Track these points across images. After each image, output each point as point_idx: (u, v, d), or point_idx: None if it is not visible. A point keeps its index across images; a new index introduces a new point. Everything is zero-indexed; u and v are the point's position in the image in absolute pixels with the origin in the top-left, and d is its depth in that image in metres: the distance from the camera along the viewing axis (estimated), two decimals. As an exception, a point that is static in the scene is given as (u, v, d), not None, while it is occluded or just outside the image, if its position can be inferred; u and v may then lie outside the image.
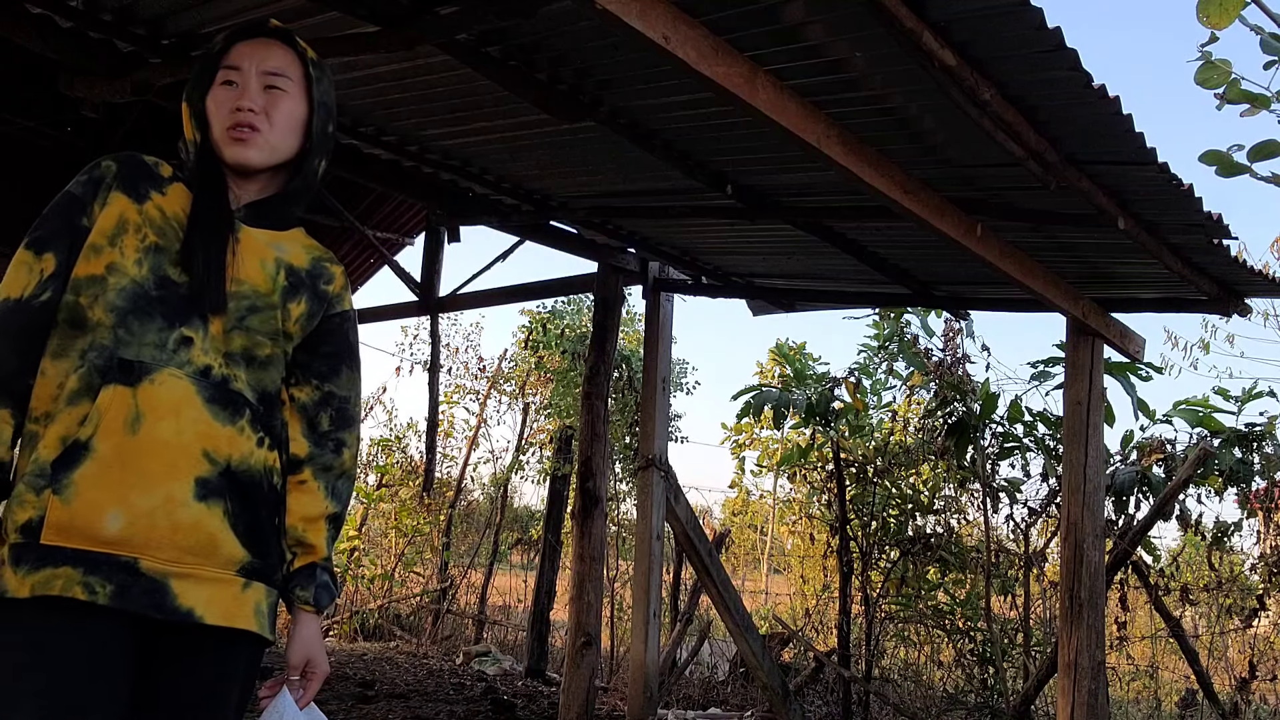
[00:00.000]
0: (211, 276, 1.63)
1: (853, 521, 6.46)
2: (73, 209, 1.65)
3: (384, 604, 9.07)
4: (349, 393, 1.83)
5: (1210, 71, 1.96)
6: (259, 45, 1.74)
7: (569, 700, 5.25)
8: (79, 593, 1.47)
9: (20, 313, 1.57)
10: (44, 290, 1.59)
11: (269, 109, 1.70)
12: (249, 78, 1.70)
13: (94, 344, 1.56)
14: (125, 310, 1.57)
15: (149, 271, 1.61)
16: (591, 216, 4.70)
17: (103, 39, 3.18)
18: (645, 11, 2.22)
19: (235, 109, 1.68)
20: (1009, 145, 2.82)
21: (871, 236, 4.38)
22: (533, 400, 9.86)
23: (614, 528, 8.18)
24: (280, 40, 1.76)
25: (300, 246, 1.79)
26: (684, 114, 3.29)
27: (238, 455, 1.62)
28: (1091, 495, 4.29)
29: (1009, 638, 6.02)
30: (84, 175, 1.68)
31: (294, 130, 1.74)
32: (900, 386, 6.55)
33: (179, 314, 1.61)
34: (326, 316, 1.79)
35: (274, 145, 1.71)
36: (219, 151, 1.70)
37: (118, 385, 1.54)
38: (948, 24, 2.35)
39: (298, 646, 1.75)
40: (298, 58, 1.76)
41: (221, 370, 1.64)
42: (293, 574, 1.76)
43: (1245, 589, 5.86)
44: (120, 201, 1.64)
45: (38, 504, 1.50)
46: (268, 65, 1.71)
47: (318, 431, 1.78)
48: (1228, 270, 3.89)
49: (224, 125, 1.68)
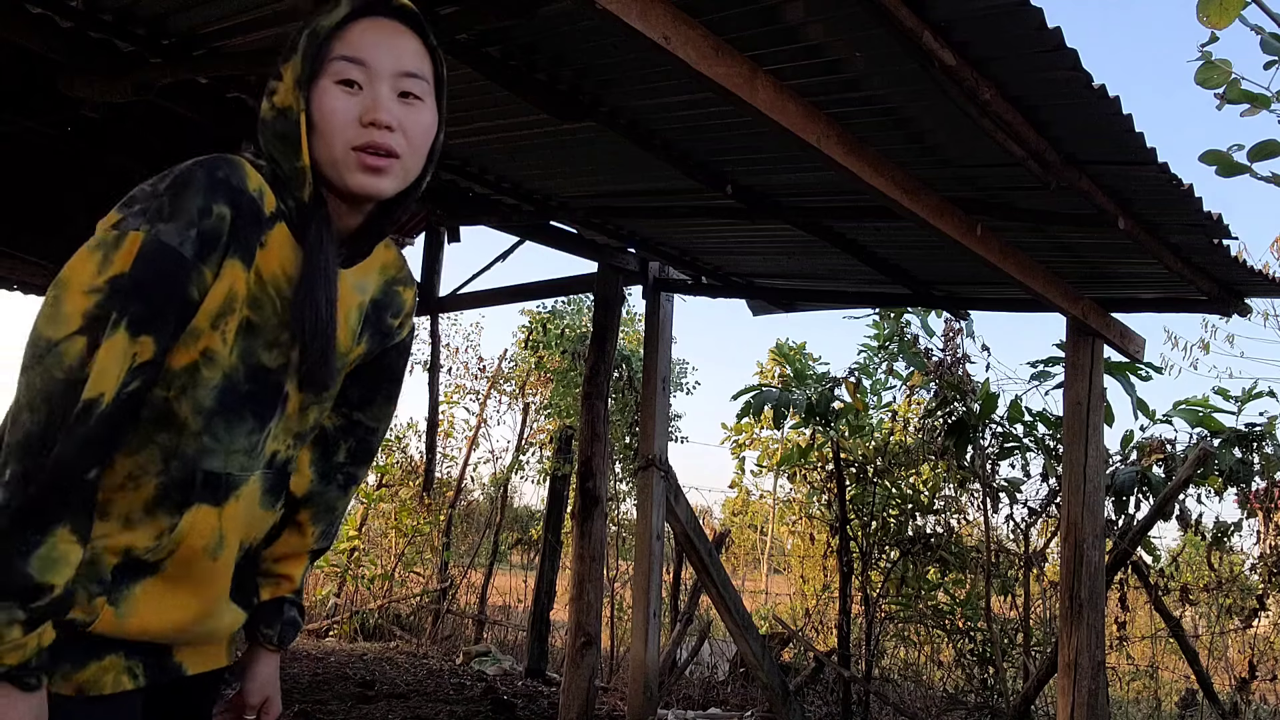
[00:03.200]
0: (320, 369, 1.35)
1: (853, 521, 6.46)
2: (182, 278, 1.22)
3: (384, 604, 9.07)
4: (377, 424, 1.59)
5: (1210, 71, 1.97)
6: (388, 31, 1.36)
7: (569, 700, 5.25)
8: (125, 682, 1.32)
9: (116, 416, 1.20)
10: (133, 380, 1.20)
11: (405, 124, 1.34)
12: (379, 80, 1.33)
13: (178, 451, 1.28)
14: (213, 412, 1.29)
15: (239, 359, 1.30)
16: (591, 216, 4.70)
17: (103, 39, 3.18)
18: (645, 11, 2.22)
19: (368, 123, 1.31)
20: (1009, 145, 2.82)
21: (871, 236, 4.38)
22: (533, 400, 9.86)
23: (614, 528, 8.18)
24: (411, 26, 1.39)
25: (377, 270, 1.49)
26: (684, 114, 3.29)
27: (261, 534, 1.47)
28: (1091, 495, 4.29)
29: (1009, 638, 6.03)
30: (188, 218, 1.22)
31: (427, 149, 1.40)
32: (900, 386, 6.55)
33: (269, 409, 1.35)
34: (384, 350, 1.54)
35: (409, 170, 1.37)
36: (331, 174, 1.33)
37: (202, 505, 1.31)
38: (948, 24, 2.35)
39: (256, 687, 1.55)
40: (429, 51, 1.40)
41: (286, 453, 1.43)
42: (259, 608, 1.54)
43: (1245, 589, 5.86)
44: (234, 270, 1.27)
45: (87, 609, 1.26)
46: (404, 65, 1.35)
47: (330, 462, 1.55)
48: (1228, 270, 3.89)
49: (348, 144, 1.31)
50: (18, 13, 3.01)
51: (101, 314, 1.17)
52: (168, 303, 1.21)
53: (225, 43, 3.15)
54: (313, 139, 1.32)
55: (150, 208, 1.22)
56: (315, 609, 9.08)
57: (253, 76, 3.40)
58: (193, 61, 3.19)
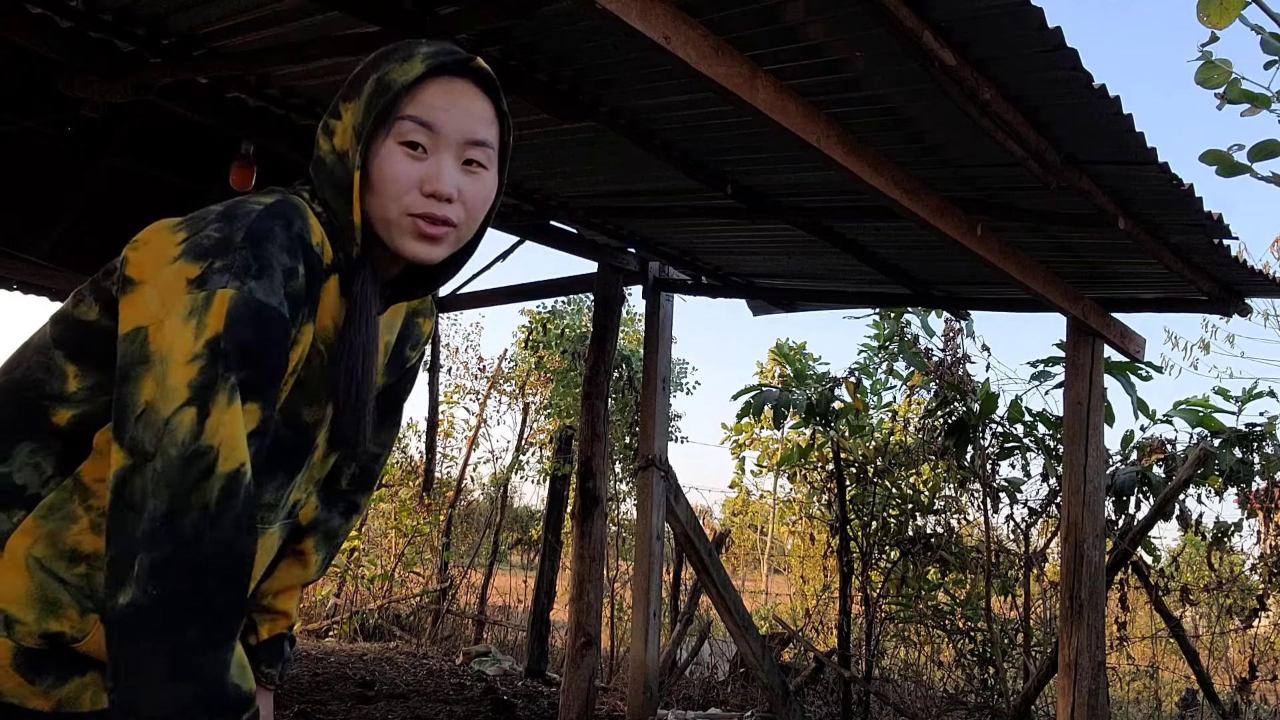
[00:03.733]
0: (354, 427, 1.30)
1: (853, 521, 6.46)
2: (284, 340, 1.16)
3: (384, 604, 9.07)
4: (380, 450, 1.54)
5: (1210, 71, 1.97)
6: (462, 94, 1.28)
7: (569, 700, 5.25)
8: (102, 701, 1.25)
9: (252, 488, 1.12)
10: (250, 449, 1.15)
11: (465, 193, 1.27)
12: (446, 147, 1.26)
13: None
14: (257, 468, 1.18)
15: (283, 416, 1.26)
16: (591, 216, 4.70)
17: (103, 39, 3.18)
18: (645, 11, 2.22)
19: (429, 193, 1.24)
20: (1009, 145, 2.82)
21: (871, 236, 4.38)
22: (533, 400, 9.86)
23: (614, 528, 8.18)
24: (485, 90, 1.31)
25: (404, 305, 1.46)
26: (684, 114, 3.29)
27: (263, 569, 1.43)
28: (1091, 495, 4.29)
29: (1009, 638, 6.03)
30: (277, 277, 1.14)
31: (483, 217, 1.33)
32: (900, 386, 6.55)
33: (299, 463, 1.32)
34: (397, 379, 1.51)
35: (462, 237, 1.31)
36: (381, 232, 1.27)
37: None
38: (948, 24, 2.35)
39: None
40: (499, 118, 1.32)
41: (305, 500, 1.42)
42: (258, 646, 1.48)
43: (1245, 589, 5.86)
44: (308, 332, 1.23)
45: (79, 624, 1.20)
46: (474, 133, 1.28)
47: (333, 489, 1.51)
48: (1228, 270, 3.89)
49: (405, 209, 1.25)
50: (18, 13, 3.01)
51: (207, 380, 1.07)
52: (273, 367, 1.14)
53: (225, 43, 3.15)
54: (366, 192, 1.25)
55: (234, 263, 1.11)
56: (315, 609, 9.09)
57: (253, 76, 3.40)
58: (193, 61, 3.19)
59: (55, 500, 1.21)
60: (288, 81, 3.41)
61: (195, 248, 1.13)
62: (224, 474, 1.06)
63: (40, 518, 1.20)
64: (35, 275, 5.74)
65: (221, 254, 1.11)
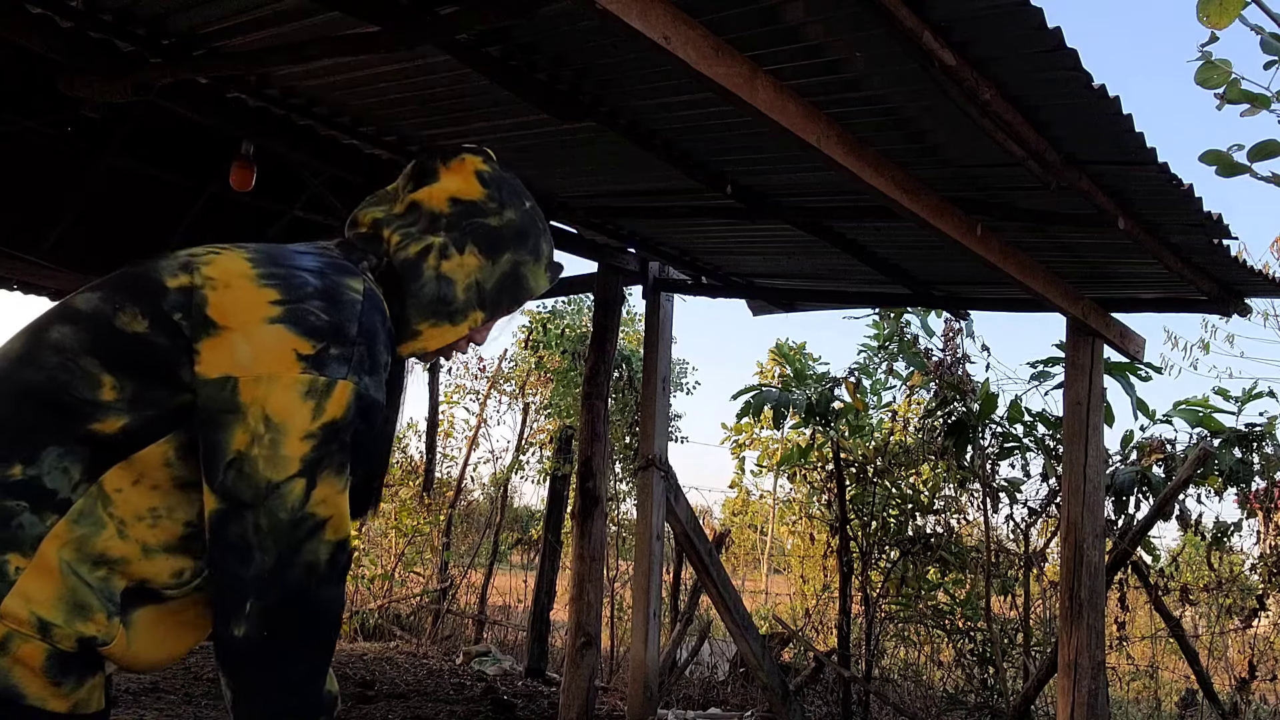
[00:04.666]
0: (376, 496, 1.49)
1: (853, 521, 6.46)
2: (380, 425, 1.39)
3: (384, 604, 9.07)
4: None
5: (1210, 71, 1.97)
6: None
7: (569, 700, 5.25)
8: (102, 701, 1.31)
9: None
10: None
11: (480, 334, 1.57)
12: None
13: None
14: None
15: None
16: (591, 216, 4.70)
17: (103, 39, 3.18)
18: (645, 12, 2.22)
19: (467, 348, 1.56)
20: (1009, 145, 2.82)
21: (871, 236, 4.38)
22: (533, 400, 9.86)
23: (614, 528, 8.18)
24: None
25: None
26: (684, 114, 3.29)
27: None
28: (1091, 495, 4.29)
29: (1009, 638, 6.03)
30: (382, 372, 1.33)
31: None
32: (900, 386, 6.56)
33: None
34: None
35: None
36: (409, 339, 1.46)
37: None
38: (948, 24, 2.35)
39: None
40: None
41: None
42: None
43: (1245, 589, 5.86)
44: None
45: (106, 627, 1.25)
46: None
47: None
48: (1228, 270, 3.89)
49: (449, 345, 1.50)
50: (18, 13, 3.01)
51: (318, 458, 1.24)
52: (363, 445, 1.32)
53: (225, 43, 3.15)
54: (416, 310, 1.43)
55: (352, 356, 1.27)
56: (315, 609, 9.07)
57: (253, 76, 3.40)
58: (193, 61, 3.19)
59: (84, 506, 1.24)
60: (288, 81, 3.41)
61: (302, 322, 1.26)
62: (333, 541, 1.27)
63: (72, 522, 1.23)
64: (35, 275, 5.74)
65: (337, 342, 1.27)
